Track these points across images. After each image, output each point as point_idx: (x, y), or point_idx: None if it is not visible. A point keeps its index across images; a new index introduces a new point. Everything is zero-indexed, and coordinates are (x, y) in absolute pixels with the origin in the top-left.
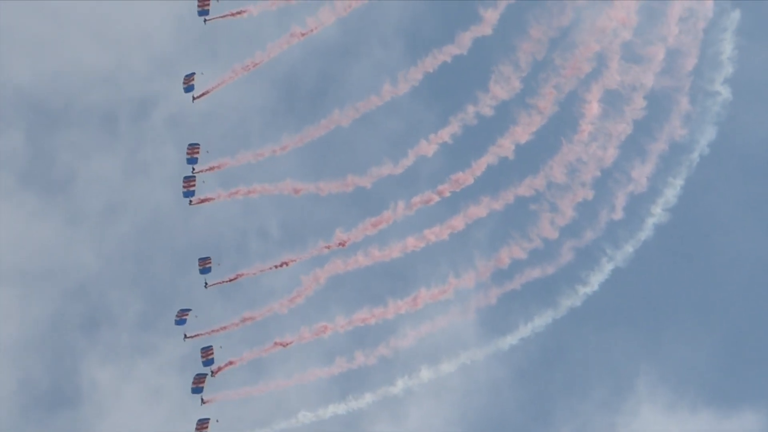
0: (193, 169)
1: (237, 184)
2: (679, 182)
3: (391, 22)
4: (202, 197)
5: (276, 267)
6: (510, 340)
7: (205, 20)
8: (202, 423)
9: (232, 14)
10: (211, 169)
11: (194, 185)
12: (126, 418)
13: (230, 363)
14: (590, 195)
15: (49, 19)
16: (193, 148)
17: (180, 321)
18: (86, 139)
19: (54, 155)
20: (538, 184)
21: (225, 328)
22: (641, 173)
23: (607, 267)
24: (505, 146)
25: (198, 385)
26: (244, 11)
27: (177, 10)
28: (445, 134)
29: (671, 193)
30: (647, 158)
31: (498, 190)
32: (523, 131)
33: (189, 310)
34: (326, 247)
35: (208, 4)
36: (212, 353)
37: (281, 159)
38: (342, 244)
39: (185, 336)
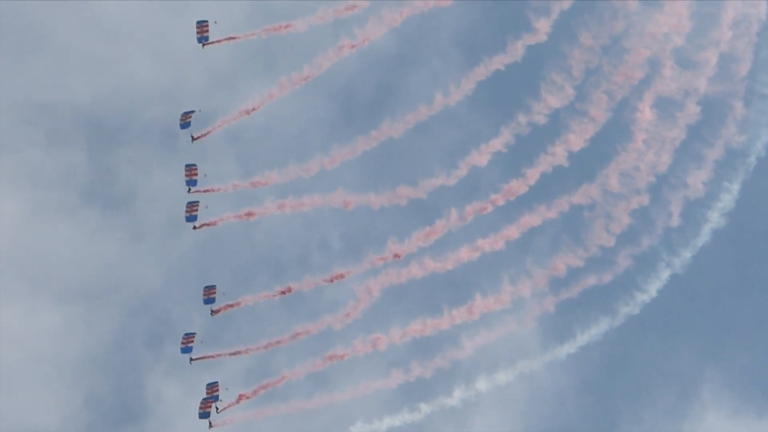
0: (189, 189)
1: (287, 196)
2: (735, 187)
3: (448, 31)
4: (248, 211)
5: (331, 280)
6: (570, 348)
7: (203, 45)
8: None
9: (276, 29)
10: (254, 184)
11: (197, 209)
12: None
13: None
14: (646, 201)
15: (106, 37)
16: (191, 169)
17: (186, 348)
18: (146, 156)
19: (115, 172)
20: (593, 192)
21: (279, 342)
22: (697, 179)
23: (665, 274)
24: (559, 154)
25: (205, 409)
26: (290, 25)
27: (232, 24)
28: (499, 143)
29: (728, 197)
30: (703, 163)
31: (552, 199)
32: (576, 139)
33: (194, 334)
34: (381, 259)
35: (207, 32)
36: (217, 389)
37: (335, 171)
38: (397, 255)
39: (191, 359)
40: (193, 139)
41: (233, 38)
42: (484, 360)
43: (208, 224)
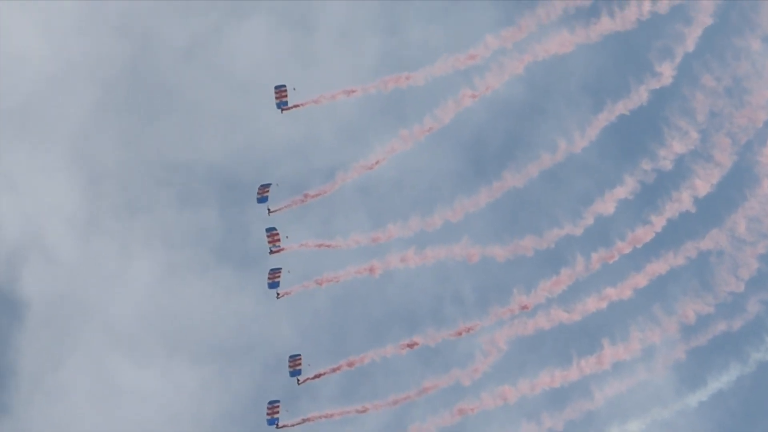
0: (271, 250)
1: (410, 249)
2: None
3: (571, 77)
4: (370, 265)
5: (459, 333)
6: (702, 396)
7: (282, 110)
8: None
9: (395, 81)
10: (374, 240)
11: (279, 276)
12: None
13: None
14: None
15: (236, 93)
16: (273, 234)
17: (272, 420)
18: (279, 212)
19: (247, 229)
20: (721, 238)
21: (407, 397)
22: None
23: None
24: (685, 200)
25: None
26: (410, 77)
27: (359, 75)
28: (624, 191)
29: None
30: None
31: (680, 245)
32: (702, 184)
33: (278, 402)
34: (508, 311)
35: (286, 96)
36: None
37: (460, 223)
38: (525, 307)
39: (277, 425)
40: (270, 212)
41: (352, 92)
42: (615, 410)
43: (329, 280)
